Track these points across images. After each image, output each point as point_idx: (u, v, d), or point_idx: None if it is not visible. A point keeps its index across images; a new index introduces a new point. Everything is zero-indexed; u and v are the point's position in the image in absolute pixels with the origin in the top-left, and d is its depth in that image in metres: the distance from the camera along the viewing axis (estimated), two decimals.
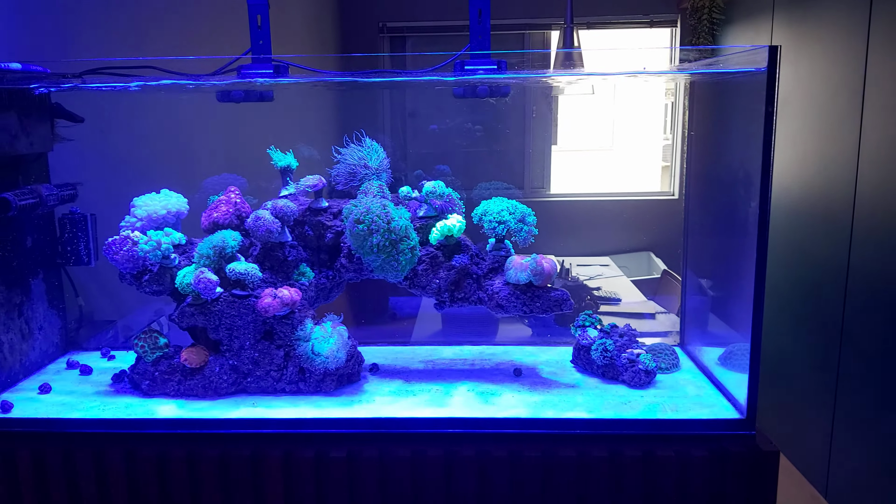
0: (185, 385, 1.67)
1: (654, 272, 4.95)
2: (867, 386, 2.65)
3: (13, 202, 1.60)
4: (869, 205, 2.70)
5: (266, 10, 1.91)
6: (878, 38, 2.67)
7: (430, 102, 5.45)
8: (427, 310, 3.75)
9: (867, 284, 2.68)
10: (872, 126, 2.69)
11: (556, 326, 3.50)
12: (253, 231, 1.69)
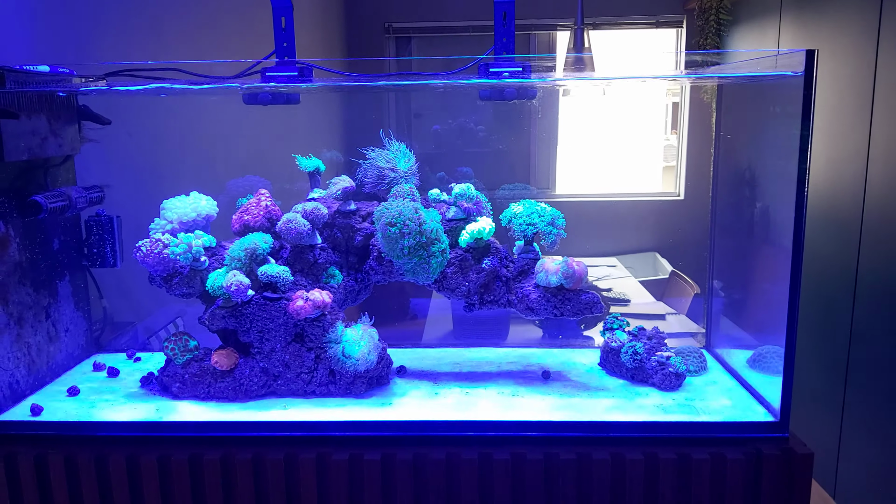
0: (216, 387, 1.67)
1: (661, 273, 4.96)
2: (876, 387, 2.66)
3: (44, 205, 1.60)
4: (878, 207, 2.71)
5: (290, 13, 1.90)
6: (888, 39, 2.68)
7: (435, 103, 5.45)
8: (437, 311, 3.74)
9: (876, 286, 2.69)
10: (881, 127, 2.70)
11: (566, 329, 3.51)
12: (284, 234, 1.68)
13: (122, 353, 1.95)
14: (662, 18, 5.16)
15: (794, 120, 1.49)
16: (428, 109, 5.47)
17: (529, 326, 3.53)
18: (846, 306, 2.86)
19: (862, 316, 2.78)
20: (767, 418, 1.55)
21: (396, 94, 5.24)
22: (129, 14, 2.33)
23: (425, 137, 5.36)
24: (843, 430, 2.90)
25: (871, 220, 2.77)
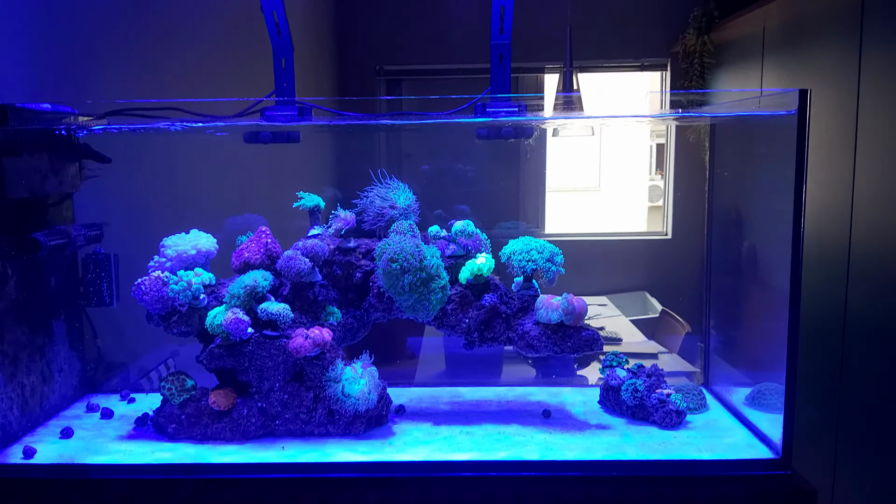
0: (213, 428, 1.64)
1: (651, 312, 4.98)
2: (869, 420, 2.67)
3: (44, 242, 1.59)
4: (864, 243, 2.76)
5: (291, 54, 1.93)
6: (868, 80, 2.76)
7: (425, 144, 5.51)
8: (429, 350, 3.73)
9: (865, 321, 2.72)
10: (865, 166, 2.76)
11: (560, 367, 3.50)
12: (285, 271, 1.68)
13: (115, 394, 1.92)
14: (647, 62, 5.28)
15: (784, 158, 1.53)
16: (418, 149, 5.53)
17: (523, 365, 3.51)
18: (836, 341, 2.89)
19: (853, 351, 2.80)
20: (770, 455, 1.55)
21: (388, 133, 5.29)
22: (128, 53, 2.36)
23: (415, 176, 5.41)
24: (837, 465, 2.90)
25: (857, 256, 2.81)
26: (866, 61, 2.80)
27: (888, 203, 2.60)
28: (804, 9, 3.40)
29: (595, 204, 8.89)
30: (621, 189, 9.06)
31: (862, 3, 2.83)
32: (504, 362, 3.51)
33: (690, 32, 4.59)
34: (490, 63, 1.98)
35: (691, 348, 3.88)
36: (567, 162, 8.67)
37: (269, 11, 1.87)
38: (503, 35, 1.95)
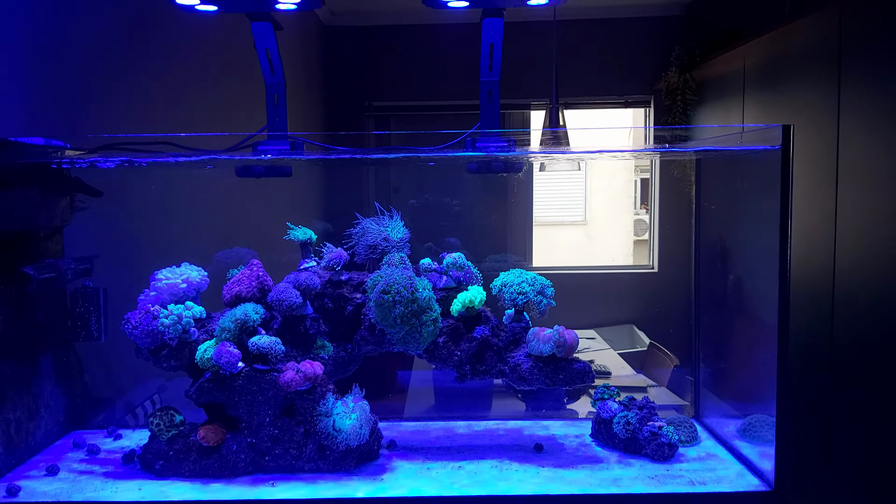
0: (201, 465, 1.62)
1: (639, 345, 4.99)
2: (859, 454, 2.67)
3: (34, 276, 1.58)
4: (848, 277, 2.80)
5: (283, 90, 1.96)
6: (847, 115, 2.83)
7: (413, 178, 5.56)
8: (418, 384, 3.70)
9: (852, 353, 2.75)
10: (847, 200, 2.81)
11: (550, 401, 3.49)
12: (276, 304, 1.68)
13: (101, 430, 1.89)
14: (631, 98, 5.37)
15: (767, 192, 1.57)
16: (406, 183, 5.57)
17: (513, 399, 3.50)
18: (824, 373, 2.90)
19: (840, 382, 2.82)
20: (762, 488, 1.55)
21: (376, 167, 5.33)
22: (118, 90, 2.37)
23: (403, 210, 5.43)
24: (829, 497, 2.89)
25: (841, 288, 2.84)
26: (845, 97, 2.87)
27: (870, 236, 2.65)
28: (783, 47, 3.49)
29: (581, 238, 8.96)
30: (607, 223, 9.16)
31: (839, 40, 2.91)
32: (494, 396, 3.50)
33: (673, 70, 4.68)
34: (479, 99, 2.01)
35: (680, 381, 3.88)
36: (553, 196, 8.76)
37: (263, 49, 1.90)
38: (492, 73, 1.99)
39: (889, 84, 2.56)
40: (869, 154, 2.67)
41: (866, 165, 2.69)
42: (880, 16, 2.62)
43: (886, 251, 2.55)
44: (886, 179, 2.55)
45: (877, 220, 2.61)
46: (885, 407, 2.53)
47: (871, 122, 2.67)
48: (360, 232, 1.81)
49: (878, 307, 2.59)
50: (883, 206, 2.57)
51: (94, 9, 2.25)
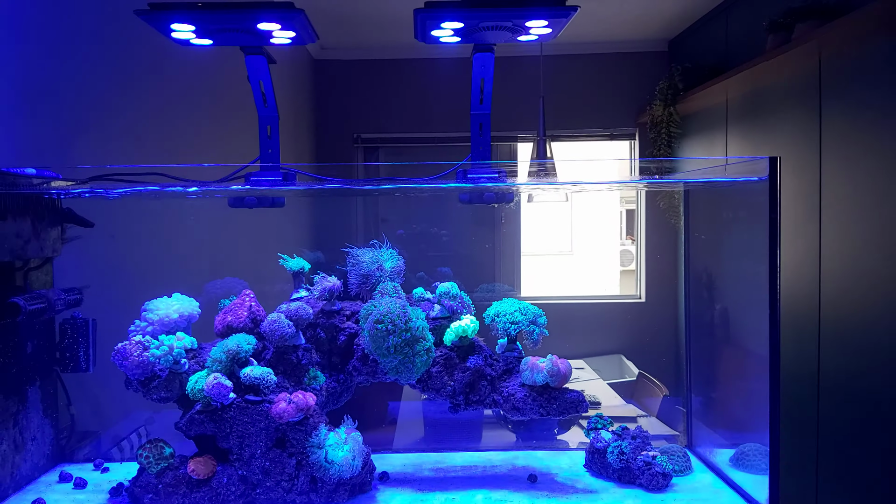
0: (191, 498, 1.59)
1: (627, 375, 4.99)
2: (846, 479, 2.68)
3: (23, 307, 1.57)
4: (833, 307, 2.83)
5: (276, 122, 1.98)
6: (829, 147, 2.89)
7: (401, 209, 5.58)
8: (407, 415, 3.68)
9: (839, 380, 2.77)
10: (831, 231, 2.86)
11: (540, 432, 3.48)
12: (268, 335, 1.67)
13: (88, 464, 1.86)
14: (616, 131, 5.45)
15: (753, 223, 1.60)
16: (394, 214, 5.59)
17: (503, 430, 3.49)
18: (811, 402, 2.92)
19: (827, 411, 2.83)
20: None
21: (365, 199, 5.35)
22: (109, 120, 2.38)
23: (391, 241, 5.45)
24: None
25: (827, 319, 2.88)
26: (826, 130, 2.93)
27: (854, 266, 2.69)
28: (764, 81, 3.57)
29: (568, 268, 9.00)
30: (593, 253, 9.22)
31: (819, 74, 2.99)
32: (484, 427, 3.48)
33: (657, 104, 4.77)
34: (471, 132, 2.04)
35: (670, 411, 3.88)
36: (540, 227, 8.81)
37: (256, 81, 1.92)
38: (483, 106, 2.02)
39: (868, 116, 2.62)
40: (851, 185, 2.73)
41: (849, 196, 2.74)
42: (858, 51, 2.70)
43: (870, 280, 2.58)
44: (868, 210, 2.60)
45: (860, 251, 2.65)
46: (869, 431, 2.55)
47: (851, 154, 2.73)
48: (352, 262, 1.82)
49: (863, 336, 2.62)
50: (866, 237, 2.61)
51: (88, 43, 2.27)
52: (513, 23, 1.72)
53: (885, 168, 2.51)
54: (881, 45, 2.55)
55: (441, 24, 1.69)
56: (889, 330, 2.47)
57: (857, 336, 2.67)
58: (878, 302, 2.54)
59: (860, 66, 2.70)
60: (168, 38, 1.79)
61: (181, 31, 1.72)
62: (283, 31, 1.76)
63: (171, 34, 1.75)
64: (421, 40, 1.86)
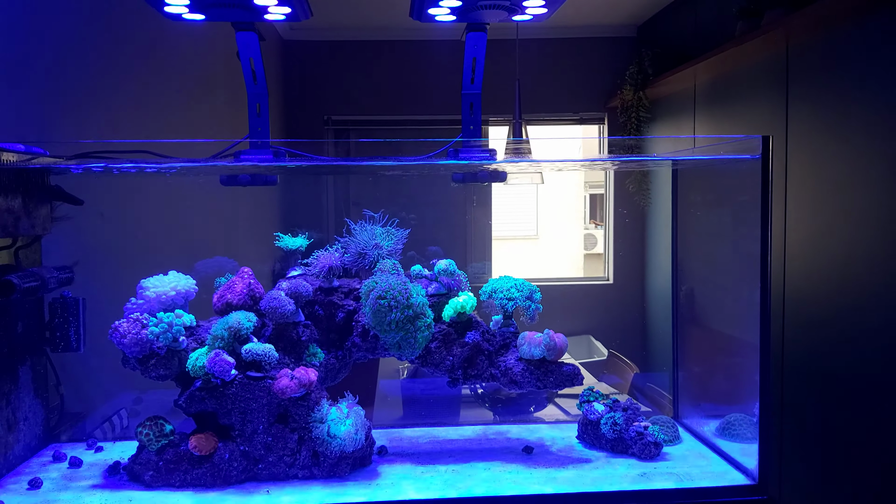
0: (192, 474, 1.59)
1: (596, 355, 5.09)
2: (811, 459, 2.80)
3: (18, 285, 1.53)
4: (797, 291, 2.94)
5: (266, 100, 1.97)
6: (795, 132, 2.98)
7: (371, 191, 5.56)
8: (385, 395, 3.70)
9: (801, 361, 2.88)
10: (796, 214, 2.96)
11: (517, 411, 3.54)
12: (268, 312, 1.67)
13: (80, 444, 1.84)
14: (585, 115, 5.52)
15: (725, 203, 1.66)
16: (365, 196, 5.57)
17: (480, 409, 3.53)
18: (776, 381, 3.03)
19: (791, 388, 2.95)
20: (747, 481, 1.62)
21: (335, 181, 5.32)
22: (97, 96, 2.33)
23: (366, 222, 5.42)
24: None
25: (791, 298, 2.98)
26: (792, 114, 3.02)
27: (818, 247, 2.79)
28: (732, 67, 3.66)
29: (534, 252, 9.10)
30: (558, 237, 9.34)
31: (787, 61, 3.08)
32: (462, 406, 3.52)
33: (627, 88, 4.84)
34: (462, 111, 2.06)
35: (641, 388, 3.98)
36: (507, 211, 8.88)
37: (246, 58, 1.91)
38: (474, 85, 2.03)
39: (834, 103, 2.71)
40: (816, 170, 2.82)
41: (814, 181, 2.84)
42: (824, 38, 2.79)
43: (833, 264, 2.69)
44: (832, 194, 2.70)
45: (824, 232, 2.75)
46: (829, 403, 2.66)
47: (817, 140, 2.83)
48: (350, 239, 1.82)
49: (825, 316, 2.73)
50: (830, 220, 2.71)
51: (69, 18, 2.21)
52: (511, 1, 1.74)
53: (849, 154, 2.61)
54: (848, 33, 2.64)
55: (440, 1, 1.70)
56: (849, 311, 2.57)
57: (819, 317, 2.77)
58: (840, 284, 2.65)
59: (827, 53, 2.78)
60: (159, 12, 1.76)
61: (175, 4, 1.70)
62: (279, 6, 1.75)
63: (164, 8, 1.72)
64: (416, 18, 1.87)
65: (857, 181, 2.55)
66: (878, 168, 2.43)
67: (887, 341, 2.36)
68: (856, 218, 2.56)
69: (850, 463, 2.57)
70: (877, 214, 2.43)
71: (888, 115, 2.37)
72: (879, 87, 2.43)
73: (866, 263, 2.49)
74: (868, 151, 2.49)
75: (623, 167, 4.41)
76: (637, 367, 4.22)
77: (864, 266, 2.51)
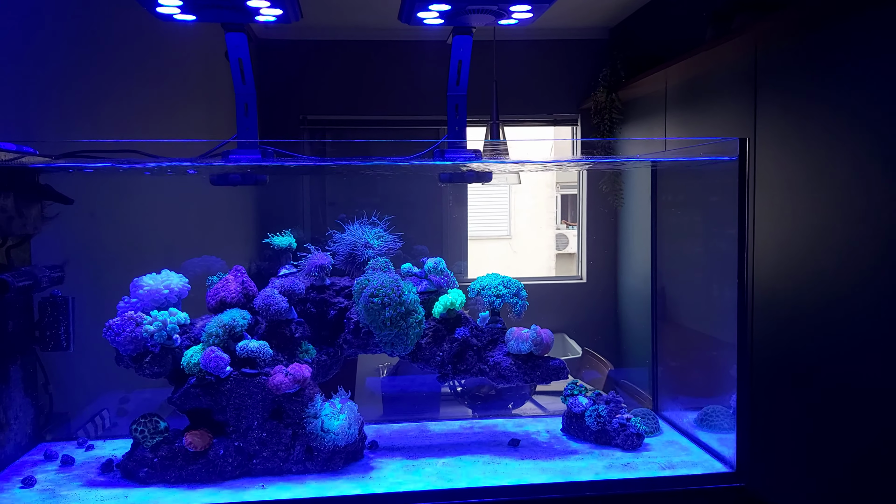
0: (188, 470, 1.61)
1: (571, 353, 5.17)
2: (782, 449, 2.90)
3: (12, 283, 1.54)
4: (766, 290, 3.03)
5: (254, 99, 1.99)
6: (763, 134, 3.09)
7: (346, 190, 5.58)
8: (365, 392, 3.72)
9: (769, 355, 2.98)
10: (763, 212, 3.06)
11: (495, 407, 3.60)
12: (263, 310, 1.69)
13: (70, 442, 1.84)
14: (559, 117, 5.60)
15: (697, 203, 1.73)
16: (341, 197, 5.58)
17: (459, 407, 3.59)
18: None
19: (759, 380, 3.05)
20: (725, 469, 1.69)
21: (311, 181, 5.33)
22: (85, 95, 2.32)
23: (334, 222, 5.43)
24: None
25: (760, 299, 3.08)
26: (761, 117, 3.13)
27: (786, 246, 2.89)
28: (702, 70, 3.76)
29: (507, 251, 9.18)
30: (530, 238, 9.43)
31: (755, 64, 3.18)
32: (441, 404, 3.57)
33: (601, 90, 4.93)
34: (447, 113, 2.11)
35: (616, 384, 4.07)
36: (480, 212, 8.96)
37: (235, 59, 1.93)
38: (459, 87, 2.08)
39: (799, 105, 2.81)
40: (782, 170, 2.92)
41: (780, 179, 2.94)
42: (791, 43, 2.89)
43: (800, 262, 2.79)
44: (797, 192, 2.80)
45: (791, 230, 2.85)
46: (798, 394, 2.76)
47: (784, 141, 2.93)
48: (341, 239, 1.85)
49: (793, 311, 2.83)
50: (796, 217, 2.81)
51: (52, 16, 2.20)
52: (498, 6, 1.79)
53: (815, 154, 2.70)
54: (814, 39, 2.74)
55: (430, 5, 1.74)
56: (816, 306, 2.67)
57: (787, 312, 2.87)
58: (807, 281, 2.74)
59: (794, 57, 2.89)
60: (151, 13, 1.77)
61: (167, 5, 1.71)
62: (271, 8, 1.78)
63: (157, 8, 1.74)
64: (405, 21, 1.91)
65: (823, 180, 2.65)
66: (842, 168, 2.53)
67: (852, 334, 2.46)
68: (821, 216, 2.66)
69: (820, 448, 2.67)
70: (841, 212, 2.53)
71: (851, 117, 2.47)
72: (843, 90, 2.53)
73: (832, 260, 2.59)
74: (832, 152, 2.59)
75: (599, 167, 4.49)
76: (611, 364, 4.31)
77: (829, 263, 2.61)
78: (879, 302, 2.24)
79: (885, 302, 2.21)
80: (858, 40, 2.47)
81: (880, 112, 2.26)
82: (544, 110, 5.57)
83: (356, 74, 5.42)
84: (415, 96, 5.34)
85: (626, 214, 5.10)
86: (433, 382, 3.56)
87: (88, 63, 2.42)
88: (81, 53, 2.37)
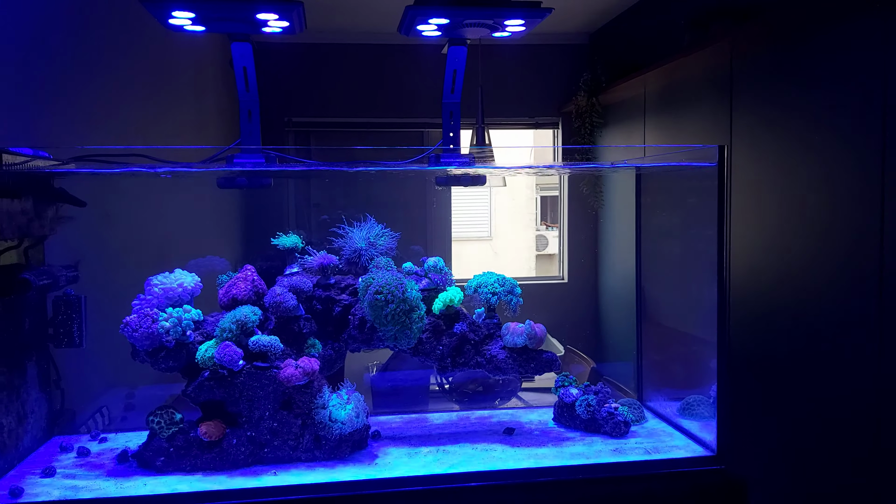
0: (202, 459, 1.70)
1: (553, 350, 5.30)
2: (759, 435, 3.05)
3: (34, 282, 1.61)
4: (742, 292, 3.18)
5: (257, 106, 2.08)
6: (738, 138, 3.23)
7: (331, 194, 5.65)
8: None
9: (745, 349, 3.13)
10: (739, 215, 3.21)
11: (482, 402, 3.71)
12: (272, 306, 1.78)
13: (83, 435, 1.91)
14: (541, 120, 5.73)
15: (675, 206, 1.85)
16: (326, 199, 5.65)
17: (446, 403, 3.68)
18: None
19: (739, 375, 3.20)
20: (706, 453, 1.81)
21: (297, 184, 5.40)
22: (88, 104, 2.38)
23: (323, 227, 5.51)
24: None
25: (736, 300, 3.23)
26: (736, 122, 3.27)
27: (760, 249, 3.03)
28: (680, 76, 3.91)
29: (487, 252, 9.31)
30: (511, 239, 9.57)
31: (731, 71, 3.33)
32: (430, 400, 3.67)
33: (581, 95, 5.07)
34: (442, 119, 2.21)
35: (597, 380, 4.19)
36: (461, 213, 9.07)
37: (240, 67, 2.02)
38: (454, 95, 2.18)
39: (773, 111, 2.96)
40: (757, 174, 3.07)
41: (755, 182, 3.09)
42: (766, 50, 3.04)
43: (774, 266, 2.94)
44: (771, 194, 2.95)
45: (764, 232, 3.00)
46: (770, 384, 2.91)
47: (759, 146, 3.08)
48: (345, 239, 1.95)
49: (766, 308, 2.97)
50: (769, 219, 2.96)
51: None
52: (493, 21, 1.90)
53: (788, 160, 2.85)
54: (788, 46, 2.89)
55: (429, 19, 1.85)
56: (787, 304, 2.82)
57: (760, 310, 3.01)
58: (779, 280, 2.89)
59: (768, 64, 3.04)
60: (162, 24, 1.85)
61: (179, 17, 1.79)
62: (279, 21, 1.87)
63: (169, 20, 1.82)
64: (404, 33, 2.01)
65: (795, 184, 2.80)
66: (814, 172, 2.67)
67: (820, 329, 2.60)
68: (794, 219, 2.80)
69: (792, 433, 2.82)
70: (812, 215, 2.67)
71: (824, 123, 2.62)
72: (816, 96, 2.68)
73: (803, 261, 2.74)
74: (805, 157, 2.74)
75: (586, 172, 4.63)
76: (593, 362, 4.44)
77: (800, 264, 2.76)
78: (846, 300, 2.39)
79: (852, 300, 2.36)
80: (826, 48, 2.62)
81: (848, 117, 2.41)
82: (525, 113, 5.70)
83: (341, 77, 5.50)
84: (399, 99, 5.44)
85: (606, 215, 5.25)
86: (422, 379, 3.67)
87: (88, 68, 2.49)
88: (80, 61, 2.44)
